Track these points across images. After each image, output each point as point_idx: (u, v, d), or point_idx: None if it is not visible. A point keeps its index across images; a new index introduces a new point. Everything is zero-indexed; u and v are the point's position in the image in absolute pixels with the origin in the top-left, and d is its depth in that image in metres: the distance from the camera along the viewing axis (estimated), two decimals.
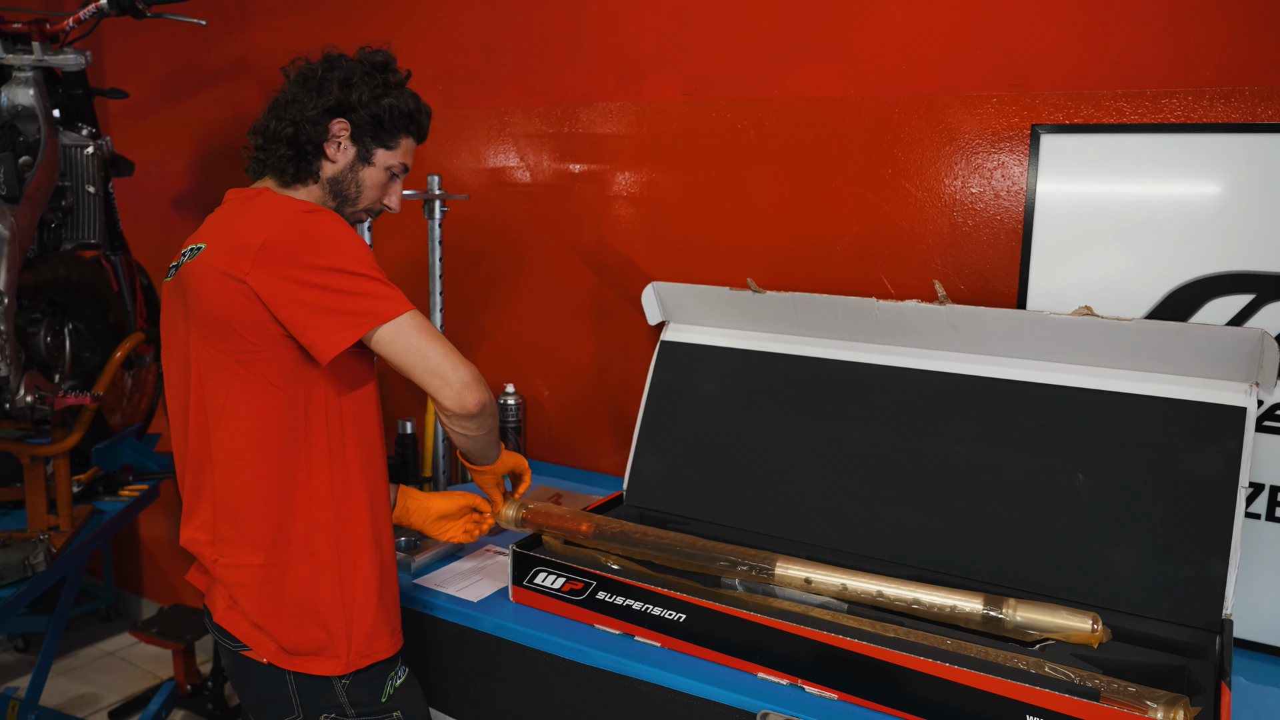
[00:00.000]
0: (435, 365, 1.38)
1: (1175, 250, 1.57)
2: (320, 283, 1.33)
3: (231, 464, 1.40)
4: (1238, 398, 1.48)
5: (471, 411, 1.42)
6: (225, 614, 1.46)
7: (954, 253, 1.86)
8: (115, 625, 3.56)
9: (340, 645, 1.43)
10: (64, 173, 2.33)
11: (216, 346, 1.37)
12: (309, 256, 1.33)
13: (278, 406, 1.38)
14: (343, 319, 1.33)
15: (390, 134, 1.52)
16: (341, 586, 1.44)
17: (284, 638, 1.42)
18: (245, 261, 1.33)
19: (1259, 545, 1.53)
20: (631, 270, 2.25)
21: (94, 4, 2.33)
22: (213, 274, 1.36)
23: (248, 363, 1.36)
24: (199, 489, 1.46)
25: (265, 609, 1.41)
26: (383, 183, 1.55)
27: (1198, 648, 1.39)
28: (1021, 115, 1.75)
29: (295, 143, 1.47)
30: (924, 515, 1.66)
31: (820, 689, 1.37)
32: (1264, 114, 1.56)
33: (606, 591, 1.56)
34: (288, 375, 1.38)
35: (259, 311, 1.34)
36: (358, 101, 1.48)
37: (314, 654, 1.43)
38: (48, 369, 2.27)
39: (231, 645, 1.47)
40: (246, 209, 1.42)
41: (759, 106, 2.03)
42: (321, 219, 1.37)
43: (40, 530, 2.19)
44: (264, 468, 1.39)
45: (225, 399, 1.39)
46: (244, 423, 1.38)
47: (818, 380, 1.81)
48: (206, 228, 1.46)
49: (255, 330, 1.35)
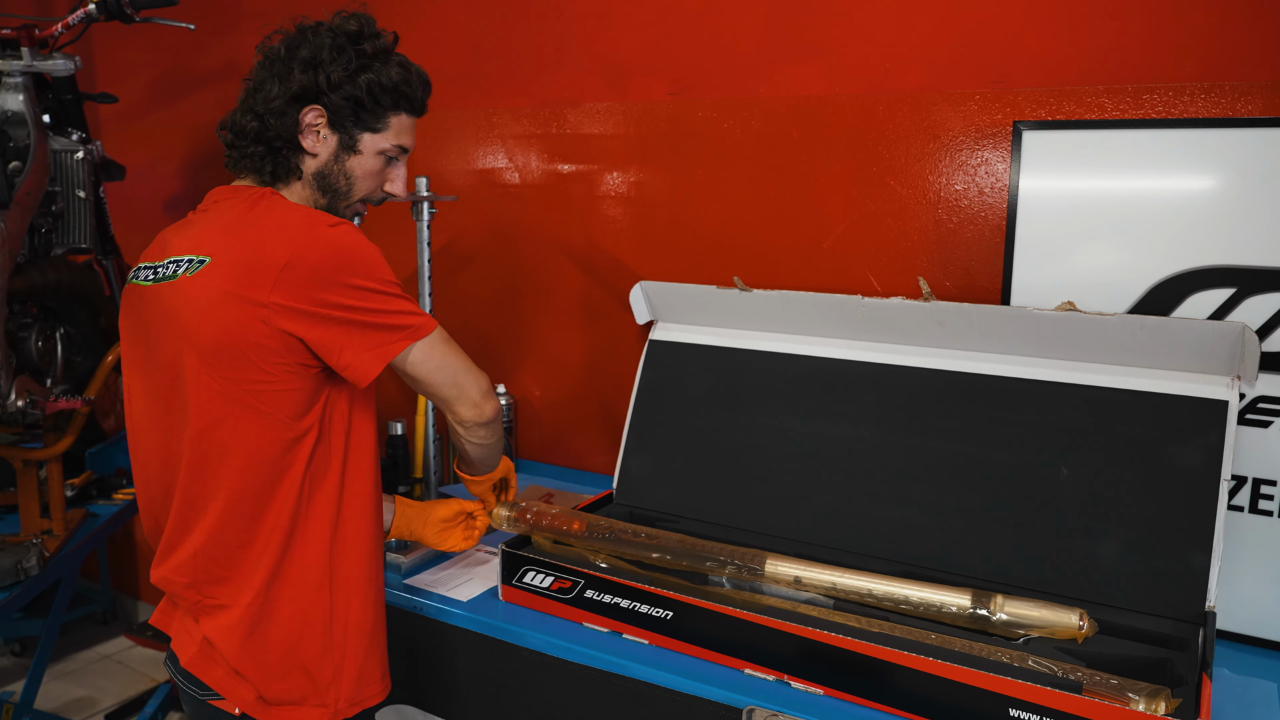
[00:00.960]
0: (460, 379, 1.36)
1: (1158, 245, 1.58)
2: (352, 303, 1.24)
3: (234, 503, 1.28)
4: (1220, 391, 1.49)
5: (489, 419, 1.41)
6: (195, 659, 1.33)
7: (940, 250, 1.86)
8: (112, 629, 3.56)
9: (327, 694, 1.34)
10: (54, 178, 2.33)
11: (226, 376, 1.24)
12: (338, 276, 1.23)
13: (287, 441, 1.28)
14: (379, 338, 1.26)
15: (375, 115, 1.35)
16: (332, 629, 1.34)
17: (265, 686, 1.31)
18: (265, 284, 1.21)
19: (1243, 538, 1.54)
20: (620, 270, 2.26)
21: (82, 9, 2.34)
22: (224, 297, 1.23)
23: (261, 395, 1.25)
24: (186, 526, 1.32)
25: (248, 653, 1.30)
26: (377, 169, 1.40)
27: (1181, 640, 1.40)
28: (1004, 112, 1.76)
29: (263, 138, 1.33)
30: (910, 511, 1.67)
31: (806, 684, 1.38)
32: (1244, 109, 1.57)
33: (595, 590, 1.57)
34: (301, 408, 1.28)
35: (280, 339, 1.23)
36: (328, 83, 1.31)
37: (296, 703, 1.33)
38: (39, 373, 2.28)
39: (199, 694, 1.34)
40: (256, 219, 1.28)
41: (744, 106, 2.04)
42: (346, 234, 1.26)
43: (33, 534, 2.20)
44: (268, 505, 1.29)
45: (232, 433, 1.26)
46: (252, 460, 1.27)
47: (804, 378, 1.82)
48: (204, 236, 1.29)
49: (272, 360, 1.24)
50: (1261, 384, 1.52)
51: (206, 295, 1.24)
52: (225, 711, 1.32)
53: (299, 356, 1.26)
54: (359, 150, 1.37)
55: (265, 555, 1.30)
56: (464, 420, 1.41)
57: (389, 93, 1.35)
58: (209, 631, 1.31)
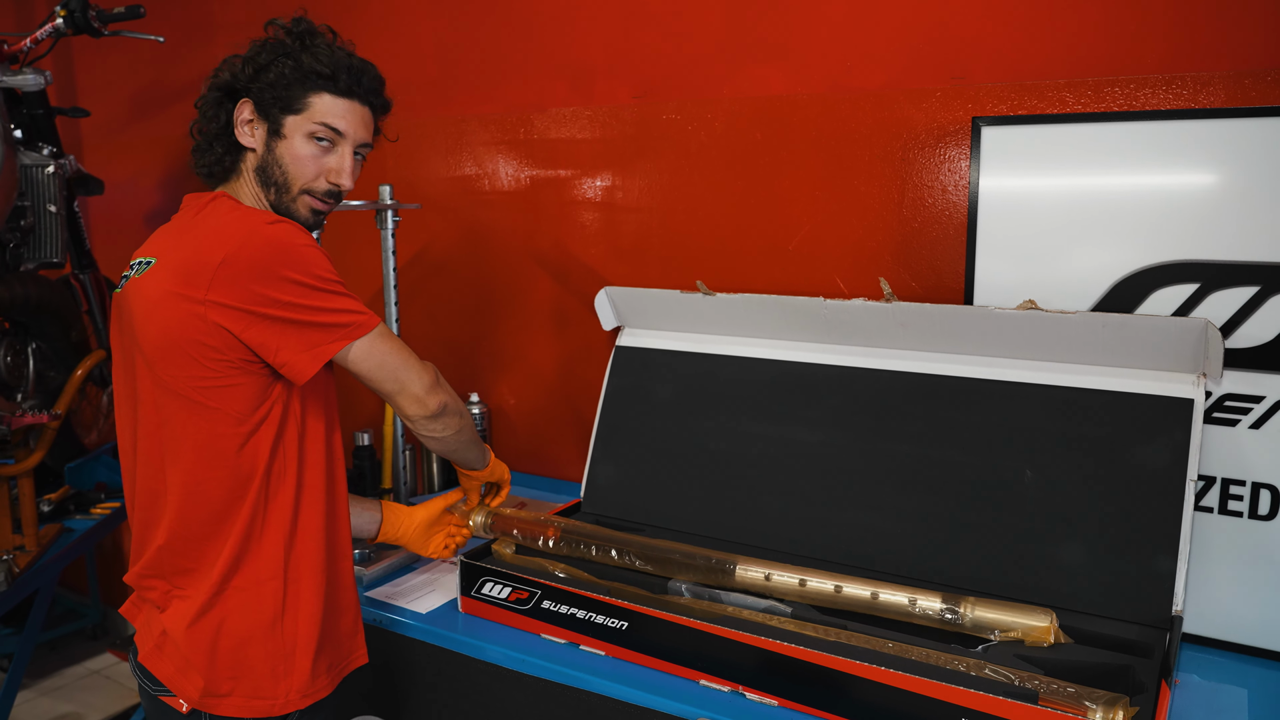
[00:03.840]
0: (400, 375, 1.35)
1: (1120, 240, 1.54)
2: (289, 299, 1.24)
3: (189, 498, 1.30)
4: (1185, 389, 1.45)
5: (434, 413, 1.39)
6: (150, 654, 1.34)
7: (905, 249, 1.83)
8: (100, 644, 3.55)
9: (278, 686, 1.33)
10: (24, 192, 2.33)
11: (170, 374, 1.26)
12: (275, 270, 1.23)
13: (238, 436, 1.29)
14: (316, 337, 1.27)
15: (293, 95, 1.33)
16: (283, 622, 1.34)
17: (214, 676, 1.31)
18: (202, 282, 1.22)
19: (1212, 539, 1.51)
20: (590, 275, 2.24)
21: (50, 24, 2.34)
22: (165, 296, 1.25)
23: (207, 391, 1.26)
24: (150, 523, 1.35)
25: (200, 643, 1.31)
26: (309, 155, 1.35)
27: (1145, 646, 1.36)
28: (965, 108, 1.73)
29: (207, 139, 1.37)
30: (874, 516, 1.64)
31: (760, 695, 1.35)
32: (1206, 100, 1.53)
33: (552, 600, 1.55)
34: (251, 403, 1.29)
35: (219, 337, 1.24)
36: (253, 74, 1.33)
37: (246, 695, 1.32)
38: (9, 389, 2.27)
39: (153, 689, 1.35)
40: (199, 220, 1.31)
41: (708, 107, 2.01)
42: (283, 231, 1.27)
43: (4, 550, 2.19)
44: (230, 499, 1.30)
45: (182, 429, 1.28)
46: (204, 455, 1.29)
47: (769, 382, 1.80)
48: (157, 239, 1.34)
49: (213, 358, 1.25)
50: (1229, 381, 1.48)
51: (150, 296, 1.27)
52: (174, 709, 1.33)
53: (240, 354, 1.26)
54: (284, 135, 1.35)
55: (226, 548, 1.31)
56: (410, 416, 1.40)
57: (306, 73, 1.34)
58: (168, 623, 1.33)
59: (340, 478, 1.43)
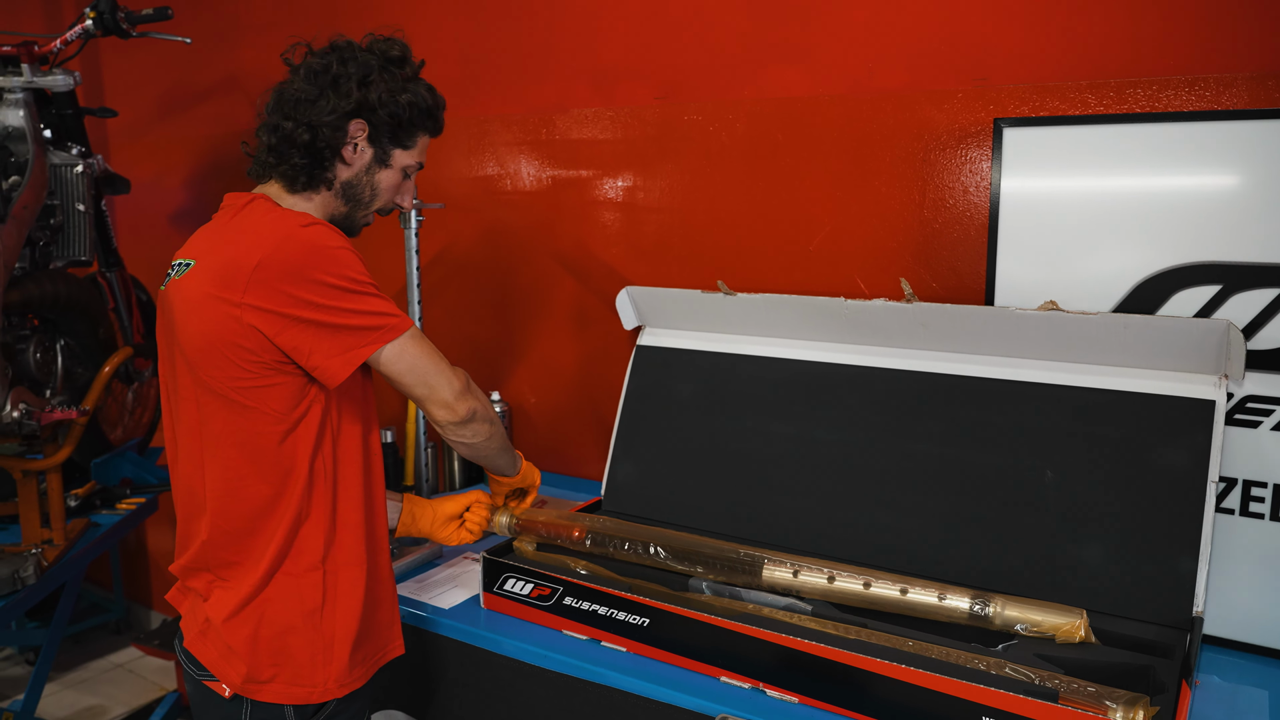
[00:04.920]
0: (430, 379, 1.37)
1: (1142, 242, 1.54)
2: (322, 302, 1.26)
3: (230, 493, 1.33)
4: (1206, 390, 1.45)
5: (463, 419, 1.41)
6: (195, 640, 1.38)
7: (926, 250, 1.84)
8: (124, 638, 3.59)
9: (317, 674, 1.35)
10: (53, 191, 2.36)
11: (210, 374, 1.29)
12: (309, 273, 1.25)
13: (277, 433, 1.31)
14: (349, 341, 1.28)
15: (409, 133, 1.42)
16: (323, 612, 1.36)
17: (256, 663, 1.33)
18: (239, 284, 1.25)
19: (1233, 541, 1.50)
20: (611, 275, 2.25)
21: (80, 25, 2.37)
22: (204, 298, 1.28)
23: (245, 391, 1.29)
24: (193, 518, 1.39)
25: (243, 631, 1.33)
26: (398, 184, 1.46)
27: (1166, 646, 1.36)
28: (986, 110, 1.73)
29: (312, 149, 1.36)
30: (894, 515, 1.64)
31: (781, 692, 1.36)
32: (1229, 101, 1.53)
33: (573, 597, 1.56)
34: (287, 403, 1.31)
35: (255, 340, 1.26)
36: (377, 101, 1.37)
37: (286, 682, 1.35)
38: (38, 385, 2.31)
39: (197, 673, 1.38)
40: (238, 223, 1.33)
41: (730, 108, 2.03)
42: (318, 233, 1.29)
43: (33, 544, 2.22)
44: (263, 494, 1.33)
45: (223, 427, 1.31)
46: (243, 451, 1.31)
47: (790, 381, 1.80)
48: (197, 240, 1.37)
49: (250, 360, 1.27)
50: (1250, 383, 1.48)
51: (189, 297, 1.30)
52: (216, 694, 1.36)
53: (274, 356, 1.28)
54: (389, 165, 1.43)
55: (268, 542, 1.34)
56: (439, 421, 1.42)
57: (422, 113, 1.43)
58: (213, 611, 1.36)
59: (378, 472, 1.45)
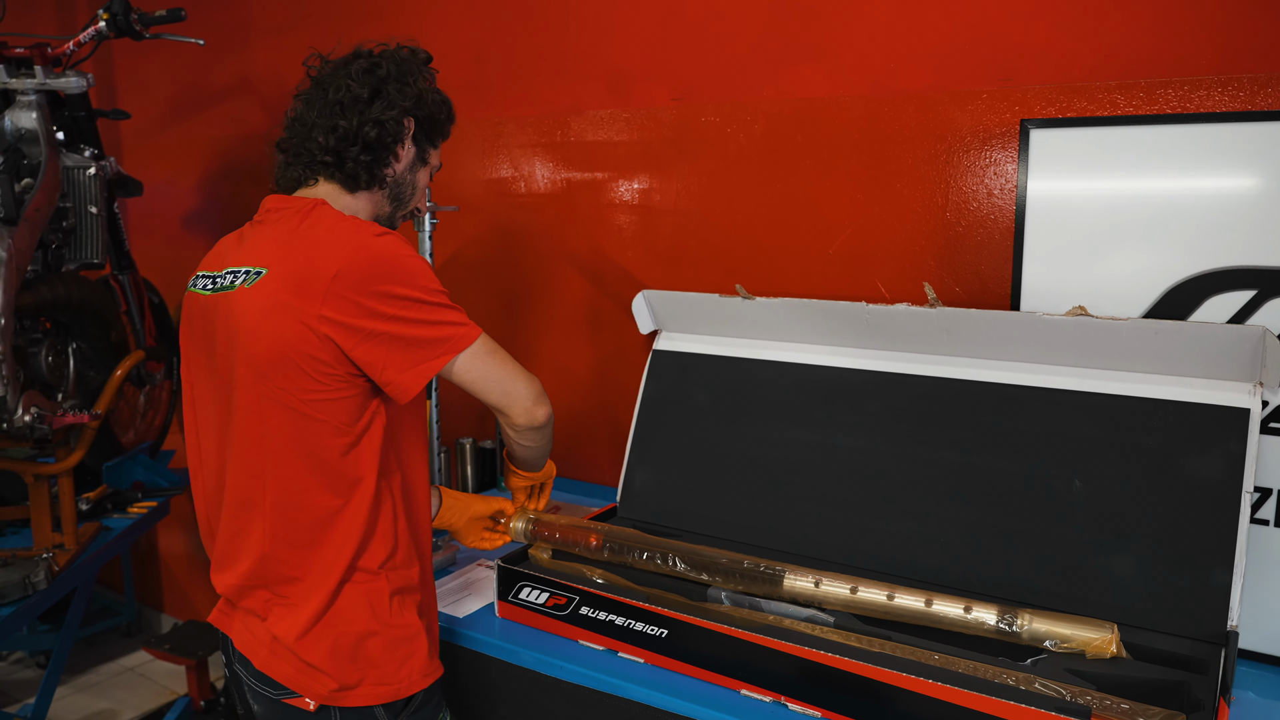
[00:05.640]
0: (509, 386, 1.36)
1: (1174, 246, 1.51)
2: (396, 314, 1.25)
3: (294, 507, 1.31)
4: (1240, 399, 1.41)
5: (541, 423, 1.42)
6: (266, 660, 1.33)
7: (949, 254, 1.81)
8: (135, 641, 3.59)
9: (400, 671, 1.35)
10: (65, 194, 2.35)
11: (280, 385, 1.27)
12: (383, 285, 1.24)
13: (341, 446, 1.29)
14: (420, 354, 1.27)
15: (442, 132, 1.48)
16: (391, 608, 1.35)
17: (339, 674, 1.31)
18: (315, 295, 1.23)
19: (1269, 553, 1.47)
20: (626, 278, 2.23)
21: (93, 27, 2.36)
22: (277, 308, 1.25)
23: (315, 404, 1.27)
24: (244, 532, 1.35)
25: (320, 647, 1.31)
26: (426, 183, 1.50)
27: (1200, 661, 1.32)
28: (1012, 110, 1.70)
29: (378, 145, 1.38)
30: (918, 524, 1.61)
31: (804, 707, 1.33)
32: (1263, 101, 1.50)
33: (589, 606, 1.53)
34: (355, 414, 1.29)
35: (330, 351, 1.25)
36: (424, 100, 1.42)
37: (372, 684, 1.33)
38: (50, 388, 2.29)
39: (273, 693, 1.34)
40: (307, 230, 1.30)
41: (747, 109, 2.00)
42: (393, 243, 1.28)
43: (45, 548, 2.21)
44: (327, 507, 1.30)
45: (287, 440, 1.29)
46: (308, 464, 1.29)
47: (810, 387, 1.77)
48: (261, 248, 1.32)
49: (323, 371, 1.25)
50: None
51: (261, 306, 1.27)
52: (299, 709, 1.33)
53: (347, 368, 1.27)
54: (426, 163, 1.47)
55: (341, 554, 1.31)
56: (516, 425, 1.42)
57: (451, 113, 1.49)
58: (278, 629, 1.33)
59: (427, 477, 1.46)
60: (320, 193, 1.39)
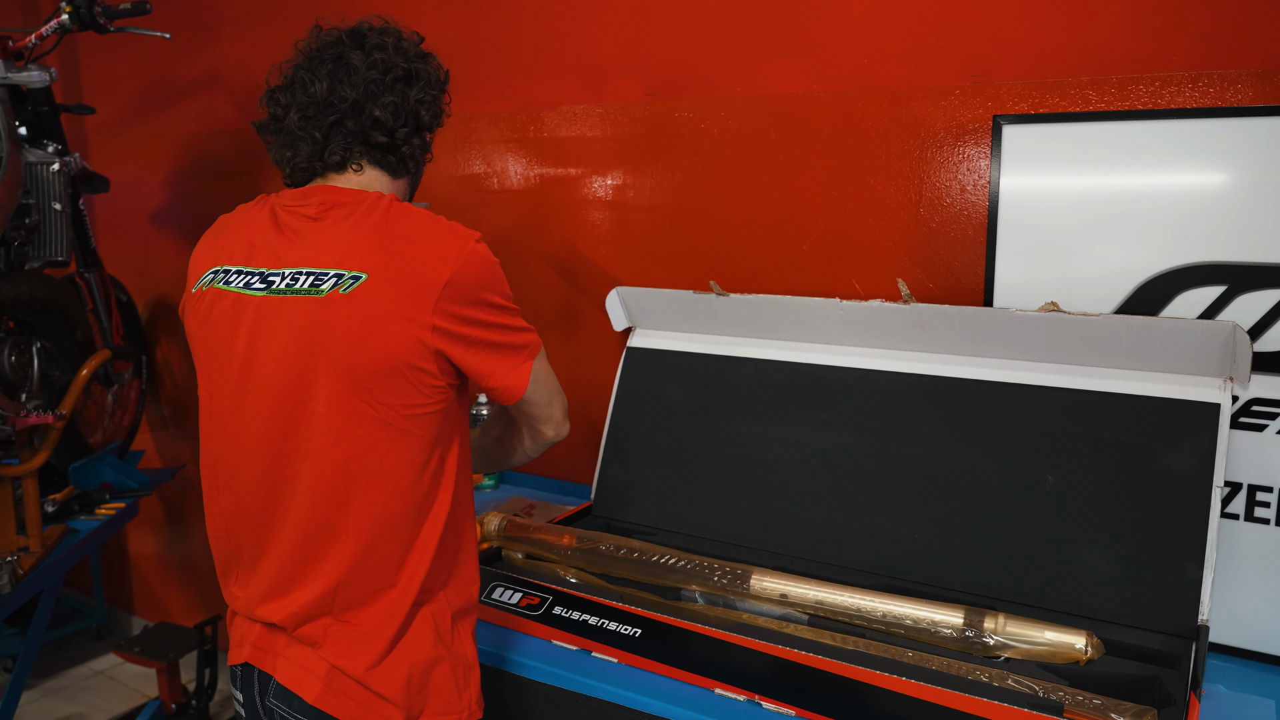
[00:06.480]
0: (554, 397, 1.34)
1: (1145, 241, 1.51)
2: (494, 321, 1.22)
3: (384, 529, 1.21)
4: (1211, 393, 1.42)
5: (563, 437, 1.39)
6: (323, 695, 1.21)
7: (923, 250, 1.80)
8: (105, 644, 3.53)
9: (463, 696, 1.28)
10: (28, 190, 2.31)
11: (383, 400, 1.17)
12: (486, 294, 1.21)
13: (421, 464, 1.22)
14: (516, 359, 1.26)
15: (440, 118, 1.38)
16: (456, 636, 1.29)
17: (409, 704, 1.23)
18: (426, 304, 1.16)
19: (1239, 547, 1.47)
20: (600, 275, 2.21)
21: (56, 20, 2.31)
22: (391, 318, 1.15)
23: (415, 419, 1.19)
24: (315, 557, 1.23)
25: (390, 678, 1.22)
26: None
27: (1172, 656, 1.33)
28: (985, 106, 1.70)
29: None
30: (893, 522, 1.61)
31: (778, 705, 1.32)
32: (1234, 98, 1.50)
33: (563, 606, 1.52)
34: (440, 427, 1.23)
35: (438, 362, 1.18)
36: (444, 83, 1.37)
37: (439, 713, 1.26)
38: (14, 388, 2.25)
39: None
40: (397, 228, 1.20)
41: (722, 105, 1.99)
42: (487, 251, 1.23)
43: (9, 552, 2.17)
44: (407, 527, 1.23)
45: (383, 459, 1.19)
46: (400, 484, 1.21)
47: (784, 384, 1.77)
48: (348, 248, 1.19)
49: (428, 382, 1.19)
50: (1256, 385, 1.45)
51: (368, 315, 1.16)
52: None
53: (450, 378, 1.22)
54: (430, 149, 1.39)
55: (416, 576, 1.24)
56: (546, 437, 1.38)
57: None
58: (342, 660, 1.22)
59: None
60: (371, 181, 1.29)
